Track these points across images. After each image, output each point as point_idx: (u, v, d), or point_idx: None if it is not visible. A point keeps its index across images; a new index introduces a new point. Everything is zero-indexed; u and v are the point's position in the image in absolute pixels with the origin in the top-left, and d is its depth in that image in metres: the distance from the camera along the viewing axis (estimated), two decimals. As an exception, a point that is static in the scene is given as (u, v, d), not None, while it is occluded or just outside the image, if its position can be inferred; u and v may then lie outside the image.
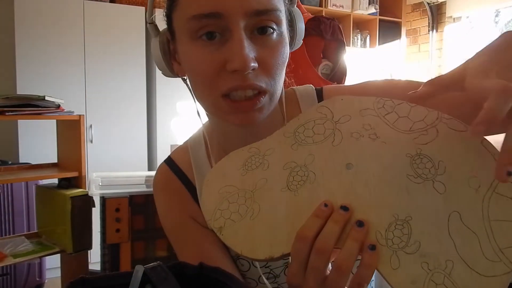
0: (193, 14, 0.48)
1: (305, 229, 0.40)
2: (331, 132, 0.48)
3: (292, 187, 0.45)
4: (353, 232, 0.39)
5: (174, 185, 0.67)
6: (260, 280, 0.66)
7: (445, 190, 0.41)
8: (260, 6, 0.48)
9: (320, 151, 0.47)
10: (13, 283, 2.41)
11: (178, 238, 0.67)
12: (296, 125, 0.50)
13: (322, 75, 1.43)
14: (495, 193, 0.39)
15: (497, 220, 0.38)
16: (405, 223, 0.40)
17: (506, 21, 3.79)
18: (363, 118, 0.48)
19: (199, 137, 0.69)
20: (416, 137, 0.44)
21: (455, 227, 0.38)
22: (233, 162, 0.51)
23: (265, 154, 0.50)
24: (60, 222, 1.60)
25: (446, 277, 0.36)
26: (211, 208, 0.47)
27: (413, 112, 0.46)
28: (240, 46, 0.47)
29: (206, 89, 0.51)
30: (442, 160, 0.42)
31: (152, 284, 0.44)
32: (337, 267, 0.38)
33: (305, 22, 1.40)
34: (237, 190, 0.47)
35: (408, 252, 0.38)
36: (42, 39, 2.77)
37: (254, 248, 0.43)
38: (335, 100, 0.51)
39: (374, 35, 4.23)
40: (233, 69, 0.47)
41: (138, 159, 3.10)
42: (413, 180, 0.42)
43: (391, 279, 0.37)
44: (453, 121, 0.45)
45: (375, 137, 0.46)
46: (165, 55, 0.57)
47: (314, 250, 0.39)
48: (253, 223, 0.44)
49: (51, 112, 1.66)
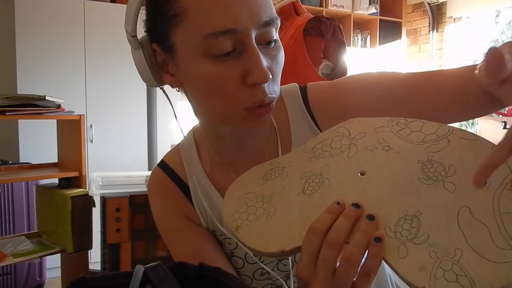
0: (208, 33, 0.48)
1: (318, 222, 0.41)
2: (347, 146, 0.51)
3: (307, 192, 0.48)
4: (362, 225, 0.40)
5: (167, 186, 0.69)
6: (255, 276, 0.67)
7: (455, 189, 0.41)
8: (267, 17, 0.50)
9: (335, 162, 0.50)
10: (13, 282, 2.41)
11: (173, 238, 0.68)
12: (315, 143, 0.54)
13: (323, 75, 1.43)
14: (506, 189, 0.40)
15: (508, 212, 0.38)
16: (414, 217, 0.40)
17: (506, 21, 3.79)
18: (378, 134, 0.50)
19: (189, 139, 0.71)
20: (428, 147, 0.46)
21: (465, 220, 0.39)
22: (254, 174, 0.55)
23: (285, 166, 0.53)
24: (60, 222, 1.60)
25: (454, 264, 0.36)
26: (230, 211, 0.50)
27: (425, 127, 0.49)
28: (258, 60, 0.49)
29: (224, 103, 0.53)
30: (453, 164, 0.43)
31: (152, 284, 0.44)
32: (346, 259, 0.39)
33: (306, 22, 1.40)
34: (256, 196, 0.51)
35: (417, 242, 0.38)
36: (42, 39, 2.77)
37: (267, 243, 0.44)
38: (352, 121, 0.55)
39: (374, 35, 4.23)
40: (254, 82, 0.50)
41: (138, 159, 3.10)
42: (424, 182, 0.43)
43: (398, 267, 0.37)
44: (464, 132, 0.46)
45: (389, 149, 0.48)
46: (152, 67, 0.57)
47: (325, 243, 0.40)
48: (268, 222, 0.47)
49: (52, 112, 1.66)
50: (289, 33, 1.41)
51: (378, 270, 0.39)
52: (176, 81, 0.58)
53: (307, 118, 0.65)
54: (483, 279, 0.35)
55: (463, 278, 0.35)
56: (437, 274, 0.36)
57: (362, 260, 0.39)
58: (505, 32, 3.83)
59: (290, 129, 0.66)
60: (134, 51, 0.57)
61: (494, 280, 0.34)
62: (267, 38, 0.52)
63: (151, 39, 0.56)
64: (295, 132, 0.66)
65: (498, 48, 0.41)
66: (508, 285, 0.34)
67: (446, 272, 0.36)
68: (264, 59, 0.51)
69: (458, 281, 0.35)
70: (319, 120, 0.65)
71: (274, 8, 0.53)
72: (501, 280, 0.34)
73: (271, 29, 0.52)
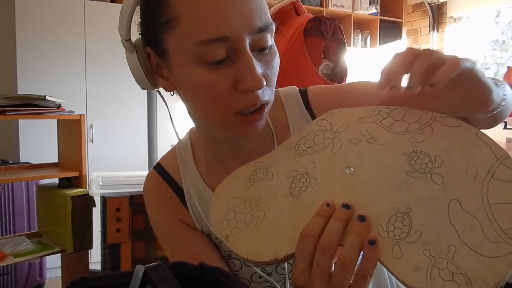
0: (201, 40, 0.47)
1: (309, 227, 0.41)
2: (330, 141, 0.50)
3: (294, 193, 0.46)
4: (355, 227, 0.40)
5: (162, 189, 0.69)
6: (253, 279, 0.67)
7: (443, 181, 0.41)
8: (261, 23, 0.49)
9: (320, 159, 0.48)
10: (13, 282, 2.41)
11: (169, 241, 0.68)
12: (298, 139, 0.53)
13: (323, 75, 1.43)
14: (493, 178, 0.39)
15: (497, 203, 0.38)
16: (405, 215, 0.40)
17: (507, 22, 3.79)
18: (361, 125, 0.49)
19: (185, 142, 0.70)
20: (412, 137, 0.45)
21: (455, 214, 0.38)
22: (239, 176, 0.53)
23: (269, 166, 0.52)
24: (60, 222, 1.60)
25: (449, 262, 0.36)
26: (218, 219, 0.49)
27: (408, 115, 0.47)
28: (251, 66, 0.48)
29: (216, 109, 0.52)
30: (439, 154, 0.43)
31: (153, 284, 0.44)
32: (341, 262, 0.38)
33: (306, 22, 1.40)
34: (243, 201, 0.49)
35: (410, 241, 0.38)
36: (43, 38, 2.77)
37: (259, 252, 0.44)
38: (333, 112, 0.53)
39: (374, 35, 4.23)
40: (247, 89, 0.49)
41: (139, 159, 3.10)
42: (411, 175, 0.42)
43: (393, 269, 0.37)
44: (447, 119, 0.45)
45: (373, 141, 0.47)
46: (147, 70, 0.57)
47: (319, 248, 0.39)
48: (258, 229, 0.45)
49: (52, 112, 1.66)
50: (289, 33, 1.41)
51: (373, 272, 0.39)
52: (170, 85, 0.57)
53: (308, 120, 0.65)
54: (478, 276, 0.35)
55: (458, 276, 0.35)
56: (433, 273, 0.36)
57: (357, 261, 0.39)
58: (505, 32, 3.83)
59: (289, 131, 0.66)
60: (128, 54, 0.56)
61: (489, 276, 0.34)
62: (262, 44, 0.50)
63: (145, 42, 0.56)
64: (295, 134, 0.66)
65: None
66: (502, 280, 0.34)
67: (442, 270, 0.36)
68: (259, 65, 0.50)
69: (454, 279, 0.35)
70: None
71: (275, 9, 0.53)
72: (496, 276, 0.34)
73: (266, 35, 0.51)
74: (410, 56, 0.43)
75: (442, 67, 0.42)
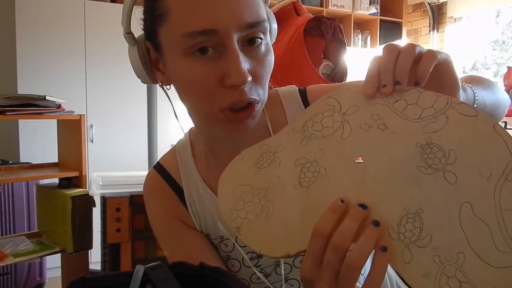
0: (187, 32, 0.48)
1: (322, 224, 0.40)
2: (339, 124, 0.47)
3: (304, 184, 0.46)
4: (368, 231, 0.39)
5: (162, 189, 0.69)
6: (252, 279, 0.67)
7: (456, 180, 0.40)
8: (251, 19, 0.49)
9: (329, 145, 0.47)
10: (13, 282, 2.41)
11: (167, 241, 0.68)
12: (304, 119, 0.50)
13: (323, 75, 1.42)
14: (507, 181, 0.38)
15: (508, 209, 0.37)
16: (416, 216, 0.39)
17: (507, 22, 3.79)
18: (371, 107, 0.46)
19: (185, 141, 0.70)
20: (426, 125, 0.43)
21: (466, 219, 0.38)
22: (245, 161, 0.51)
23: (276, 151, 0.50)
24: (60, 222, 1.60)
25: (457, 270, 0.36)
26: (228, 208, 0.48)
27: (422, 98, 0.44)
28: (237, 62, 0.48)
29: (203, 103, 0.52)
30: (453, 148, 0.41)
31: (153, 284, 0.44)
32: (350, 264, 0.38)
33: (306, 22, 1.40)
34: (251, 189, 0.48)
35: (420, 245, 0.38)
36: (43, 38, 2.77)
37: (272, 247, 0.44)
38: (342, 90, 0.50)
39: (375, 35, 4.23)
40: (231, 84, 0.49)
41: (139, 159, 3.10)
42: (424, 171, 0.41)
43: (403, 274, 0.37)
44: (463, 106, 0.43)
45: (384, 128, 0.45)
46: (146, 64, 0.58)
47: (330, 246, 0.39)
48: (268, 222, 0.45)
49: (52, 112, 1.66)
50: (289, 33, 1.40)
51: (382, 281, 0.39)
52: (166, 79, 0.58)
53: None
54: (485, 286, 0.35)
55: (466, 285, 0.35)
56: (441, 281, 0.36)
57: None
58: (505, 32, 3.83)
59: None
60: (130, 48, 0.58)
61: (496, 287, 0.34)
62: (252, 41, 0.51)
63: (146, 37, 0.57)
64: None
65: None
66: None
67: (450, 278, 0.36)
68: (246, 61, 0.50)
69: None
70: None
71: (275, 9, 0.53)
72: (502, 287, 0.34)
73: (257, 32, 0.51)
74: (394, 53, 0.44)
75: (421, 62, 0.43)
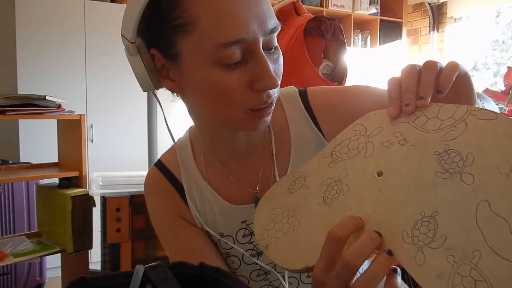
0: (221, 43, 0.49)
1: (338, 228, 0.40)
2: (364, 145, 0.50)
3: (327, 201, 0.47)
4: (381, 258, 0.38)
5: (163, 185, 0.69)
6: (251, 276, 0.68)
7: (473, 180, 0.39)
8: (272, 25, 0.52)
9: (353, 165, 0.49)
10: (13, 282, 2.41)
11: (167, 236, 0.68)
12: (333, 146, 0.54)
13: (323, 75, 1.43)
14: None
15: None
16: (431, 219, 0.39)
17: (507, 22, 3.79)
18: (394, 127, 0.49)
19: (185, 140, 0.72)
20: (445, 134, 0.44)
21: (483, 216, 0.37)
22: (279, 187, 0.56)
23: (307, 176, 0.53)
24: (60, 222, 1.60)
25: (472, 268, 0.35)
26: (260, 230, 0.51)
27: (442, 112, 0.46)
28: (267, 67, 0.51)
29: (229, 107, 0.54)
30: (471, 151, 0.41)
31: (153, 284, 0.44)
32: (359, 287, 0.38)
33: (306, 22, 1.40)
34: (282, 211, 0.51)
35: (434, 247, 0.37)
36: (43, 38, 2.77)
37: (293, 261, 0.45)
38: (369, 116, 0.53)
39: (375, 35, 4.23)
40: (263, 88, 0.51)
41: (139, 158, 3.10)
42: (440, 176, 0.41)
43: (416, 276, 0.37)
44: (482, 112, 0.43)
45: (404, 142, 0.46)
46: (151, 72, 0.57)
47: (342, 262, 0.38)
48: (293, 238, 0.47)
49: (52, 112, 1.66)
50: (290, 33, 1.41)
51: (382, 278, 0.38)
52: (176, 86, 0.58)
53: (308, 120, 0.66)
54: (502, 283, 0.33)
55: (481, 284, 0.34)
56: (455, 281, 0.35)
57: None
58: (505, 32, 3.83)
59: (289, 131, 0.67)
60: (131, 57, 0.56)
61: None
62: (271, 45, 0.53)
63: (150, 44, 0.55)
64: (295, 132, 0.66)
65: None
66: None
67: (464, 278, 0.34)
68: (270, 65, 0.52)
69: (477, 287, 0.34)
70: (321, 121, 0.66)
71: (275, 9, 0.54)
72: None
73: (275, 36, 0.53)
74: (415, 72, 0.48)
75: (443, 72, 0.46)
